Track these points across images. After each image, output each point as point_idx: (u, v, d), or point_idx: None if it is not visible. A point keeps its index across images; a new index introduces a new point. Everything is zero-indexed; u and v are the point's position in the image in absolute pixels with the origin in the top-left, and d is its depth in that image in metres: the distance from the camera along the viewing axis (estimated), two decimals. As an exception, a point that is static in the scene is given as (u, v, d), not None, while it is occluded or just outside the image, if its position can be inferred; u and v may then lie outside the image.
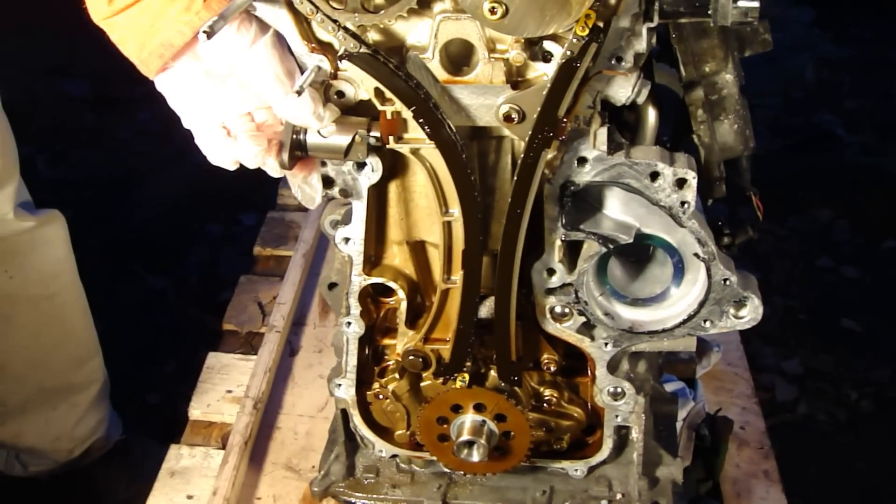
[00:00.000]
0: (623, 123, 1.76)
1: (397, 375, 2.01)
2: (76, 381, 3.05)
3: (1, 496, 3.17)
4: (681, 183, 1.63)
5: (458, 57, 1.58)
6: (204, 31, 1.35)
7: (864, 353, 4.06)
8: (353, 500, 2.24)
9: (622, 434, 2.06)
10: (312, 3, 1.47)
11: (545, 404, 2.01)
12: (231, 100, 1.60)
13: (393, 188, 1.81)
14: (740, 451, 2.73)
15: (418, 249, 1.89)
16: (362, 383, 2.04)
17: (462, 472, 2.14)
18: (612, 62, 1.52)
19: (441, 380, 1.96)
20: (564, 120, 1.54)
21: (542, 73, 1.56)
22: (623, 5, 1.44)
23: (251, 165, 1.66)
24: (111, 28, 1.54)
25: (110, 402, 3.24)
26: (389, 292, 1.95)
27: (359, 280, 1.88)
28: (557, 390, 2.01)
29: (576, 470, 2.10)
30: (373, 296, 1.98)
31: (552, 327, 1.86)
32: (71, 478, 3.20)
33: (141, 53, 1.53)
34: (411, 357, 1.94)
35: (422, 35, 1.56)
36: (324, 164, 1.73)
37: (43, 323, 2.88)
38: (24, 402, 2.96)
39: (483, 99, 1.59)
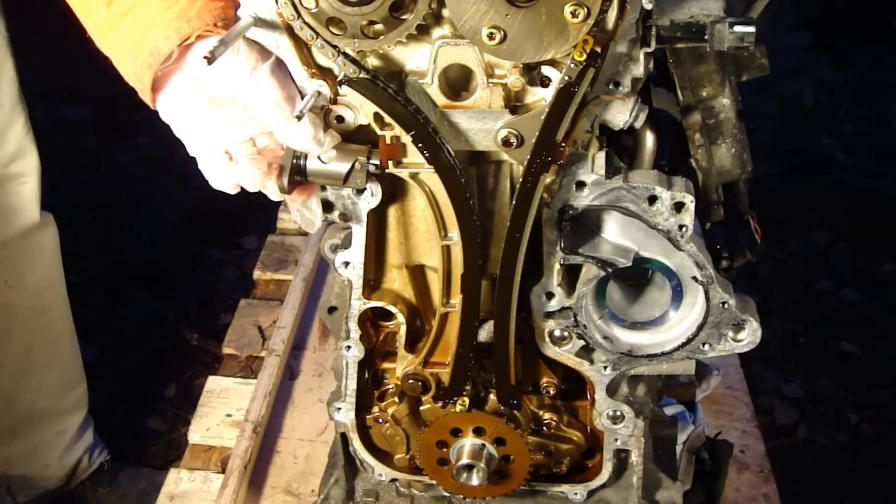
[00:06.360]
0: (621, 147, 1.77)
1: (397, 399, 2.01)
2: (63, 405, 3.05)
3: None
4: (679, 207, 1.64)
5: (457, 82, 1.59)
6: (205, 57, 1.36)
7: (864, 376, 4.06)
8: (352, 524, 2.24)
9: (622, 457, 2.06)
10: (312, 29, 1.48)
11: (544, 428, 2.01)
12: (234, 125, 1.61)
13: (392, 212, 1.81)
14: (740, 475, 2.73)
15: (417, 273, 1.89)
16: (362, 407, 2.04)
17: (462, 496, 2.13)
18: (610, 87, 1.53)
19: (440, 403, 1.96)
20: (563, 144, 1.54)
21: (541, 97, 1.57)
22: (620, 31, 1.45)
23: (251, 189, 1.67)
24: (109, 47, 1.56)
25: (94, 431, 3.23)
26: (389, 316, 1.95)
27: (358, 304, 1.88)
28: (557, 414, 2.01)
29: (575, 494, 2.10)
30: (372, 320, 1.99)
31: (551, 351, 1.87)
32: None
33: (135, 67, 1.55)
34: (411, 381, 1.95)
35: (421, 60, 1.57)
36: (323, 188, 1.74)
37: (36, 338, 2.89)
38: (13, 425, 2.95)
39: (482, 123, 1.60)
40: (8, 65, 2.50)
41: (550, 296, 1.78)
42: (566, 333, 1.83)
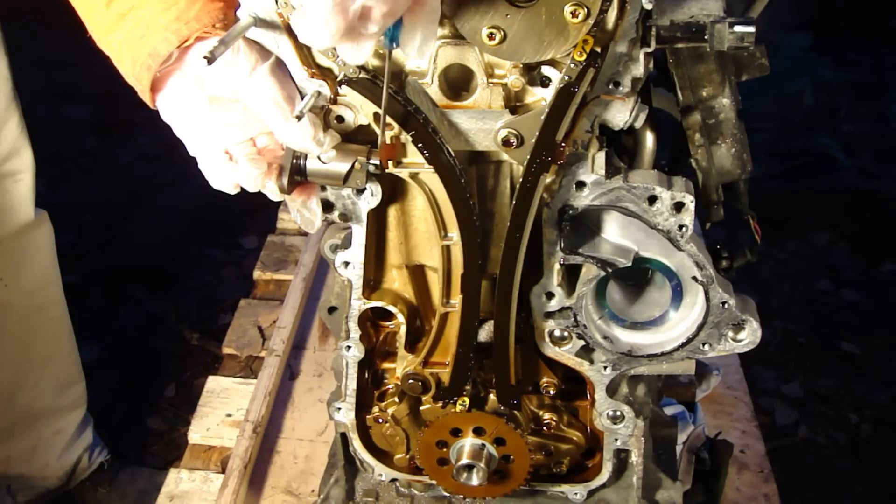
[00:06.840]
0: (621, 147, 1.76)
1: (397, 399, 2.01)
2: (61, 404, 3.05)
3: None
4: (679, 207, 1.64)
5: (457, 82, 1.59)
6: (205, 57, 1.36)
7: (864, 376, 4.06)
8: (352, 524, 2.24)
9: (622, 457, 2.06)
10: (312, 29, 1.48)
11: (544, 428, 2.01)
12: (234, 125, 1.61)
13: (392, 212, 1.81)
14: (740, 475, 2.73)
15: (417, 273, 1.89)
16: (362, 407, 2.04)
17: (462, 496, 2.13)
18: (610, 87, 1.53)
19: (440, 403, 1.96)
20: (562, 144, 1.54)
21: (541, 97, 1.57)
22: (620, 31, 1.45)
23: (251, 189, 1.67)
24: (109, 47, 1.56)
25: (94, 430, 3.23)
26: (389, 316, 1.95)
27: (358, 304, 1.88)
28: (557, 414, 2.01)
29: (575, 494, 2.10)
30: (372, 320, 1.99)
31: (551, 351, 1.86)
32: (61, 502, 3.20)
33: (133, 68, 1.55)
34: (411, 381, 1.94)
35: (421, 60, 1.57)
36: (323, 188, 1.74)
37: (32, 337, 2.89)
38: (11, 424, 2.95)
39: (482, 123, 1.60)
40: (2, 63, 2.50)
41: (550, 296, 1.78)
42: (566, 333, 1.83)
